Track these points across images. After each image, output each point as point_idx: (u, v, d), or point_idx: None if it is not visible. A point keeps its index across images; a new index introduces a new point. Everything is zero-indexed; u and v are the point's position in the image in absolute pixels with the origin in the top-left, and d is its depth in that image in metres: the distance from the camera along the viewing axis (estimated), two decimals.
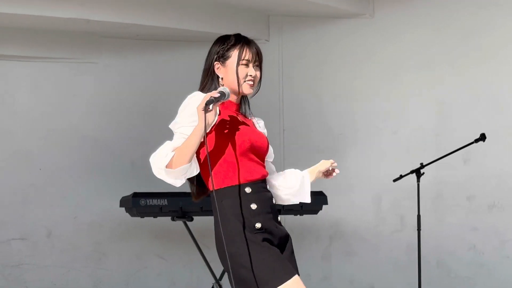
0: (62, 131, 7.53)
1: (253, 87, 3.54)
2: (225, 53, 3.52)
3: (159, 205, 6.51)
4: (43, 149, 7.47)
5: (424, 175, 6.56)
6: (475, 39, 7.11)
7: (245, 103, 3.60)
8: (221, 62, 3.53)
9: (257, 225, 3.41)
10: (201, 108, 3.33)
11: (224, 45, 3.54)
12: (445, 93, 7.23)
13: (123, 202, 6.69)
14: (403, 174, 6.63)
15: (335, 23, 7.63)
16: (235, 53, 3.51)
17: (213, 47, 3.58)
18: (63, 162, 7.51)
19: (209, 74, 3.55)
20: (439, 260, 7.16)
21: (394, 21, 7.44)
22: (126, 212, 6.72)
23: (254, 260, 3.36)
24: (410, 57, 7.38)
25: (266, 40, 7.70)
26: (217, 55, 3.54)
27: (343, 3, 7.31)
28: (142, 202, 6.48)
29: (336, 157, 7.56)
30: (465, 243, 7.08)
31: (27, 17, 6.55)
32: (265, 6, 7.51)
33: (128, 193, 6.66)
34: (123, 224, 7.48)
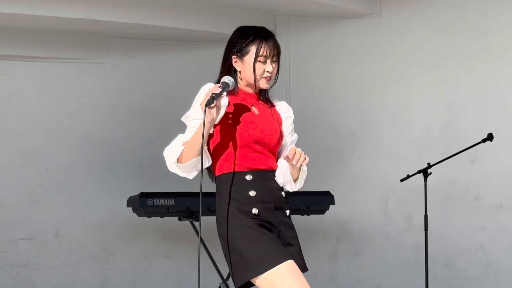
0: (70, 131, 7.55)
1: (269, 82, 3.61)
2: (243, 48, 3.56)
3: (166, 205, 6.51)
4: (50, 149, 7.48)
5: (431, 175, 6.55)
6: (483, 38, 7.10)
7: (265, 91, 3.65)
8: (239, 57, 3.57)
9: (254, 211, 3.48)
10: (203, 104, 3.39)
11: (242, 40, 3.57)
12: (452, 93, 7.22)
13: (130, 202, 6.70)
14: (410, 174, 6.63)
15: (342, 23, 7.62)
16: (253, 49, 3.55)
17: (232, 39, 3.61)
18: (71, 162, 7.52)
19: (227, 66, 3.60)
20: (446, 260, 7.16)
21: (401, 20, 7.43)
22: (133, 212, 6.73)
23: (247, 243, 3.42)
24: (418, 57, 7.37)
25: None
26: (235, 48, 3.57)
27: (350, 3, 7.31)
28: (149, 202, 6.48)
29: (343, 157, 7.61)
30: (472, 243, 7.07)
31: (35, 17, 6.56)
32: (272, 6, 7.51)
33: (135, 193, 6.67)
34: (130, 224, 7.49)
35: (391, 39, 7.48)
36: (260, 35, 3.58)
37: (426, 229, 6.52)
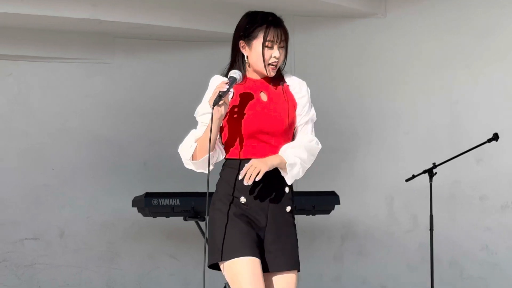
0: (75, 131, 7.55)
1: (275, 70, 3.59)
2: (251, 33, 3.55)
3: (171, 205, 6.51)
4: (56, 149, 7.49)
5: (436, 175, 6.55)
6: (488, 38, 7.09)
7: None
8: (246, 42, 3.56)
9: (242, 199, 3.51)
10: (211, 102, 3.41)
11: (249, 24, 3.56)
12: (458, 93, 7.21)
13: (136, 202, 6.70)
14: (415, 174, 6.62)
15: (347, 23, 7.62)
16: (260, 34, 3.54)
17: (239, 24, 3.61)
18: (76, 162, 7.53)
19: (234, 52, 3.60)
20: (451, 260, 7.15)
21: (406, 20, 7.43)
22: (139, 212, 6.73)
23: (218, 229, 3.50)
24: (423, 57, 7.36)
25: None
26: (242, 33, 3.57)
27: (355, 3, 7.31)
28: (155, 202, 6.49)
29: (348, 157, 7.61)
30: (477, 243, 7.06)
31: (40, 17, 6.57)
32: (277, 6, 7.46)
33: (141, 193, 6.67)
34: (135, 224, 7.49)
35: (396, 39, 7.48)
36: (268, 20, 3.58)
37: (431, 229, 6.51)
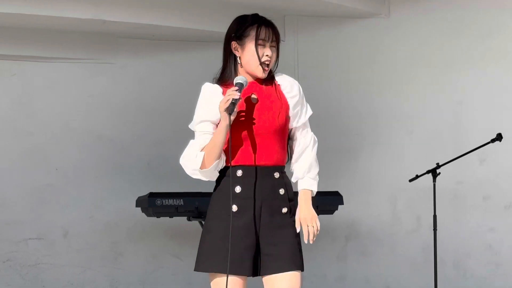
0: (79, 131, 7.56)
1: (267, 71, 3.58)
2: (243, 33, 3.58)
3: (175, 205, 6.52)
4: (59, 149, 7.50)
5: (440, 175, 6.54)
6: (491, 39, 7.09)
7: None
8: (238, 42, 3.57)
9: (233, 208, 3.48)
10: (223, 109, 3.40)
11: (241, 25, 3.60)
12: (461, 93, 7.21)
13: (139, 202, 6.71)
14: (419, 174, 6.62)
15: (350, 23, 7.62)
16: (252, 32, 3.57)
17: (230, 27, 3.64)
18: (80, 162, 7.53)
19: (227, 54, 3.61)
20: (455, 260, 7.15)
21: (410, 20, 7.43)
22: (142, 212, 6.74)
23: (206, 238, 3.51)
24: (426, 57, 7.36)
25: (282, 40, 7.64)
26: (234, 34, 3.58)
27: (359, 3, 7.30)
28: (158, 202, 6.49)
29: (352, 157, 7.61)
30: (481, 243, 7.06)
31: (43, 18, 6.57)
32: (280, 6, 7.51)
33: (144, 193, 6.68)
34: (139, 224, 7.50)
35: (399, 39, 7.47)
36: (259, 20, 3.62)
37: (435, 229, 6.51)
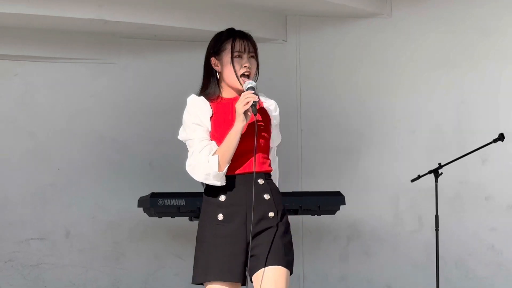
0: (81, 131, 7.56)
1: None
2: (219, 48, 3.65)
3: (176, 205, 6.52)
4: (61, 149, 7.50)
5: (442, 175, 6.54)
6: (494, 38, 7.08)
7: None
8: (216, 58, 3.65)
9: (219, 217, 3.56)
10: (243, 110, 3.47)
11: (217, 40, 3.68)
12: (463, 93, 7.21)
13: (141, 202, 6.71)
14: (421, 174, 6.62)
15: (352, 23, 7.61)
16: (228, 45, 3.63)
17: (209, 45, 3.72)
18: (82, 162, 7.54)
19: (207, 71, 3.69)
20: (457, 260, 7.14)
21: (412, 20, 7.42)
22: (144, 212, 6.74)
23: (197, 249, 3.61)
24: (429, 57, 7.36)
25: (284, 40, 7.69)
26: (212, 50, 3.67)
27: (361, 3, 7.30)
28: (160, 202, 6.50)
29: (354, 157, 7.61)
30: (483, 243, 7.05)
31: (46, 18, 6.57)
32: (282, 6, 7.51)
33: (146, 193, 6.68)
34: (141, 224, 7.50)
35: (401, 39, 7.47)
36: (234, 33, 3.67)
37: (436, 229, 6.51)
